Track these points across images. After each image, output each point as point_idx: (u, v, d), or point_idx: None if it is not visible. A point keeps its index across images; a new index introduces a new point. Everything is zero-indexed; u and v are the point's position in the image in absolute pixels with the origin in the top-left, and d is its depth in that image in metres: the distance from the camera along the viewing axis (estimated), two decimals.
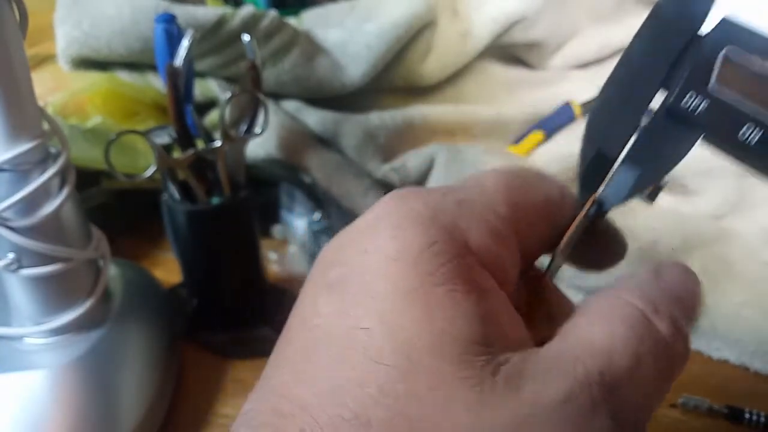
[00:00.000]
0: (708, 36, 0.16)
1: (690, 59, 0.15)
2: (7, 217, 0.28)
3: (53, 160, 0.29)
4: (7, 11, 0.26)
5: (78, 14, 0.40)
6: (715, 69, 0.15)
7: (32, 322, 0.31)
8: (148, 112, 0.40)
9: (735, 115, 0.15)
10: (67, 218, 0.30)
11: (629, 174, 0.15)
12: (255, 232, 0.34)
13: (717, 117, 0.15)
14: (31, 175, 0.28)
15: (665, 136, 0.15)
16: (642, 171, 0.15)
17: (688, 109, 0.15)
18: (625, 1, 0.55)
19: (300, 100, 0.43)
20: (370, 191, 0.40)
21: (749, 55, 0.15)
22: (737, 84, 0.15)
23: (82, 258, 0.31)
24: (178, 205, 0.32)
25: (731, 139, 0.15)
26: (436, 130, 0.45)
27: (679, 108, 0.15)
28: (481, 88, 0.52)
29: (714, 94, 0.15)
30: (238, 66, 0.40)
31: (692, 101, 0.15)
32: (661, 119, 0.15)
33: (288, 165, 0.40)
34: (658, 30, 0.16)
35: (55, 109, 0.38)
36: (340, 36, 0.45)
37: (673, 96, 0.15)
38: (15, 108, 0.27)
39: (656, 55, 0.16)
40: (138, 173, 0.30)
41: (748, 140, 0.15)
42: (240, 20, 0.39)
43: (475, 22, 0.51)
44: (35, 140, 0.28)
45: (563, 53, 0.55)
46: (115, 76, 0.41)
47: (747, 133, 0.15)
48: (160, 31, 0.31)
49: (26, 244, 0.29)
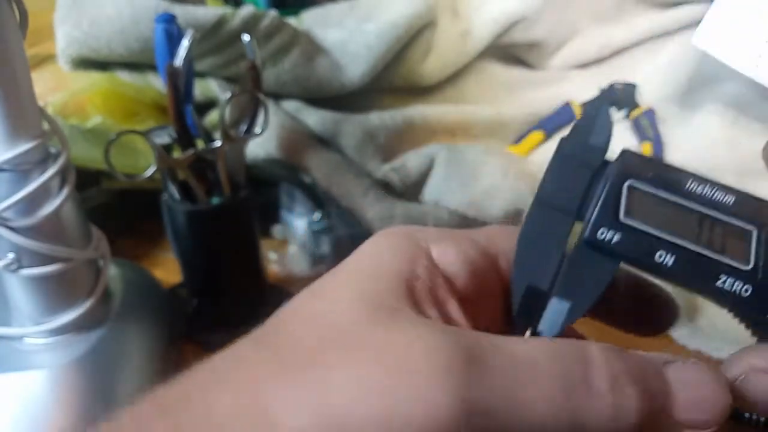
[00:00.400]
0: (612, 167, 0.17)
1: (599, 190, 0.17)
2: (7, 217, 0.28)
3: (53, 160, 0.29)
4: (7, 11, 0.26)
5: (78, 14, 0.40)
6: (622, 200, 0.16)
7: (32, 322, 0.31)
8: (148, 112, 0.40)
9: (648, 241, 0.16)
10: (67, 218, 0.30)
11: (560, 307, 0.16)
12: (255, 232, 0.34)
13: (631, 245, 0.16)
14: (31, 175, 0.28)
15: (588, 267, 0.16)
16: (572, 304, 0.16)
17: (604, 241, 0.16)
18: (625, 1, 0.55)
19: (300, 100, 0.43)
20: (369, 191, 0.40)
21: (650, 185, 0.16)
22: (644, 213, 0.16)
23: (82, 258, 0.31)
24: (178, 205, 0.32)
25: (649, 264, 0.16)
26: (436, 130, 0.45)
27: (596, 240, 0.16)
28: (481, 88, 0.52)
29: (625, 225, 0.16)
30: (238, 66, 0.40)
31: (606, 233, 0.16)
32: (582, 251, 0.16)
33: (288, 165, 0.40)
34: (565, 165, 0.17)
35: (55, 109, 0.38)
36: (339, 36, 0.45)
37: (588, 230, 0.16)
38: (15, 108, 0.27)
39: (566, 189, 0.17)
40: (138, 173, 0.30)
41: (664, 263, 0.16)
42: (240, 20, 0.39)
43: (476, 22, 0.51)
44: (35, 140, 0.28)
45: (563, 53, 0.55)
46: (115, 76, 0.41)
47: (662, 257, 0.16)
48: (160, 31, 0.31)
49: (26, 244, 0.29)
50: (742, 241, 0.16)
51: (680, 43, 0.52)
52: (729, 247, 0.16)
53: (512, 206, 0.38)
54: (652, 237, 0.16)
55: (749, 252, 0.16)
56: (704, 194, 0.16)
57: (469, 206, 0.39)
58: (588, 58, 0.55)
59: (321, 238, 0.40)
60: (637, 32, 0.54)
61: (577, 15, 0.55)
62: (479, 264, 0.17)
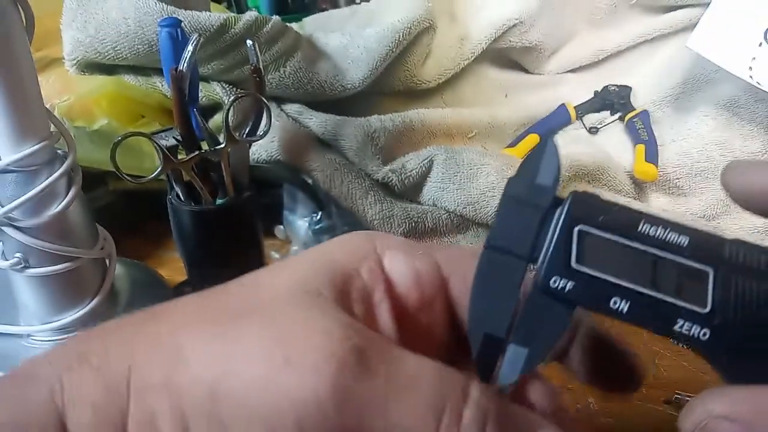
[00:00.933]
0: (561, 210, 0.16)
1: (550, 233, 0.16)
2: (15, 217, 0.29)
3: (60, 161, 0.30)
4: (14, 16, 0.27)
5: (84, 18, 0.40)
6: (573, 246, 0.16)
7: (39, 321, 0.31)
8: (153, 115, 0.41)
9: (601, 287, 0.15)
10: (74, 218, 0.31)
11: (518, 354, 0.16)
12: (258, 232, 0.35)
13: (585, 292, 0.15)
14: (38, 176, 0.29)
15: (543, 313, 0.16)
16: (529, 350, 0.16)
17: (557, 289, 0.16)
18: (620, 6, 0.55)
19: (302, 103, 0.44)
20: (370, 192, 0.40)
21: (601, 229, 0.16)
22: (596, 258, 0.16)
23: (89, 257, 0.31)
24: (183, 205, 0.32)
25: (604, 308, 0.15)
26: (435, 132, 0.46)
27: (549, 288, 0.16)
28: (478, 92, 0.53)
29: (577, 272, 0.16)
30: (242, 70, 0.41)
31: (559, 282, 0.16)
32: (537, 297, 0.16)
33: (290, 166, 0.40)
34: (514, 207, 0.16)
35: (62, 111, 0.38)
36: (340, 41, 0.45)
37: (540, 278, 0.16)
38: (22, 110, 0.28)
39: (516, 232, 0.16)
40: (143, 174, 0.31)
41: (619, 309, 0.15)
42: (243, 25, 0.40)
43: (473, 26, 0.52)
44: (42, 142, 0.28)
45: (559, 57, 0.55)
46: (121, 79, 0.41)
47: (617, 303, 0.15)
48: (164, 35, 0.32)
49: (33, 243, 0.29)
50: (699, 283, 0.15)
51: (674, 46, 0.53)
52: (685, 289, 0.15)
53: None
54: (605, 283, 0.15)
55: (706, 294, 0.15)
56: (657, 236, 0.15)
57: (466, 207, 0.40)
58: (583, 62, 0.55)
59: (322, 238, 0.40)
60: (632, 36, 0.54)
61: (573, 19, 0.55)
62: (427, 280, 0.18)
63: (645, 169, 0.44)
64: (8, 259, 0.30)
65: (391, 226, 0.39)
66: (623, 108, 0.51)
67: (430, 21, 0.48)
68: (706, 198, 0.44)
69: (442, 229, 0.41)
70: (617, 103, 0.51)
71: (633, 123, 0.49)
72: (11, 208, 0.28)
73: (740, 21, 0.42)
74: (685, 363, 0.32)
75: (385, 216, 0.40)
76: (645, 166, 0.44)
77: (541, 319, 0.16)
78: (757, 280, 0.15)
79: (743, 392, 0.14)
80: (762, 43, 0.42)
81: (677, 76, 0.50)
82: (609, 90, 0.52)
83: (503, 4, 0.52)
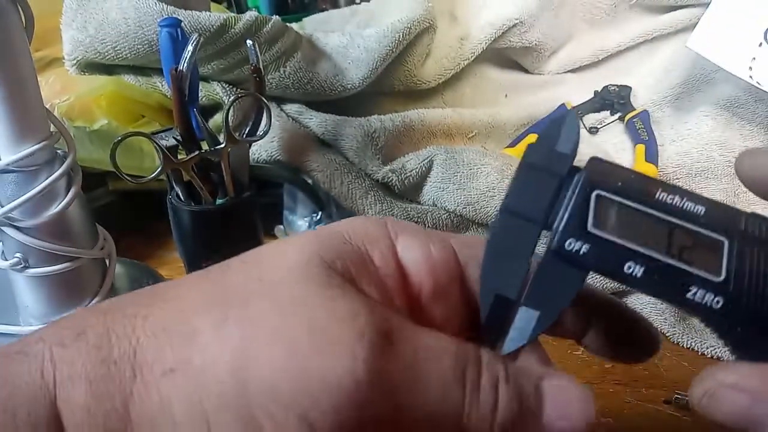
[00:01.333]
0: (580, 176, 0.16)
1: (566, 199, 0.16)
2: (15, 217, 0.29)
3: (60, 161, 0.30)
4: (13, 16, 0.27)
5: (84, 18, 0.40)
6: (590, 210, 0.16)
7: (39, 321, 0.31)
8: (153, 115, 0.41)
9: (616, 252, 0.15)
10: (74, 218, 0.31)
11: (529, 316, 0.16)
12: (258, 232, 0.35)
13: (599, 256, 0.16)
14: (38, 176, 0.29)
15: (556, 276, 0.16)
16: (540, 313, 0.16)
17: (572, 251, 0.16)
18: (620, 6, 0.56)
19: (302, 103, 0.44)
20: (369, 192, 0.40)
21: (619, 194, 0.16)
22: (613, 223, 0.16)
23: (89, 257, 0.31)
24: (184, 205, 0.33)
25: (618, 274, 0.15)
26: (435, 132, 0.46)
27: (563, 250, 0.16)
28: (478, 92, 0.53)
29: (593, 235, 0.16)
30: (242, 70, 0.41)
31: (574, 244, 0.16)
32: (550, 261, 0.16)
33: (290, 166, 0.40)
34: (531, 173, 0.16)
35: (62, 111, 0.38)
36: (340, 41, 0.45)
37: (555, 240, 0.16)
38: (22, 110, 0.28)
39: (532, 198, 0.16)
40: (144, 174, 0.30)
41: (633, 274, 0.15)
42: (243, 25, 0.40)
43: (473, 26, 0.52)
44: (42, 142, 0.28)
45: (559, 57, 0.55)
46: (121, 79, 0.41)
47: (631, 268, 0.15)
48: (164, 35, 0.32)
49: (33, 243, 0.29)
50: (713, 252, 0.15)
51: (674, 46, 0.53)
52: (700, 258, 0.15)
53: None
54: (620, 248, 0.15)
55: (720, 263, 0.15)
56: (674, 204, 0.16)
57: (466, 207, 0.40)
58: (583, 62, 0.56)
59: None
60: (632, 36, 0.54)
61: (573, 19, 0.55)
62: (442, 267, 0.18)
63: (645, 169, 0.44)
64: (8, 259, 0.30)
65: None
66: (623, 108, 0.51)
67: (430, 21, 0.48)
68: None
69: (441, 229, 0.41)
70: (617, 103, 0.51)
71: (633, 123, 0.49)
72: (11, 208, 0.28)
73: (740, 21, 0.42)
74: (685, 363, 0.32)
75: (385, 216, 0.40)
76: (645, 166, 0.44)
77: (554, 282, 0.16)
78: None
79: (753, 367, 0.15)
80: (762, 43, 0.42)
81: (677, 76, 0.50)
82: (609, 90, 0.52)
83: (503, 4, 0.52)
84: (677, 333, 0.34)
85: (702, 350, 0.33)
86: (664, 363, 0.32)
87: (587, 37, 0.56)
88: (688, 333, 0.34)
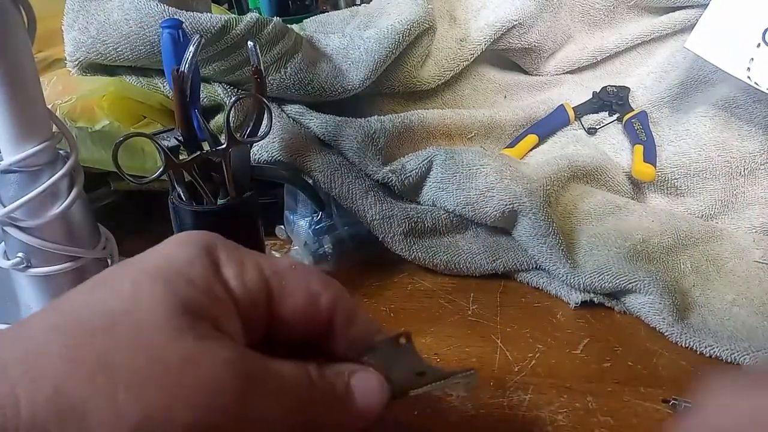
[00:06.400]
0: None
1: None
2: (17, 217, 0.29)
3: (62, 161, 0.30)
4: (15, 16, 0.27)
5: (86, 19, 0.40)
6: None
7: None
8: (155, 115, 0.41)
9: None
10: (76, 218, 0.31)
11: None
12: (259, 232, 0.35)
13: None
14: (40, 177, 0.29)
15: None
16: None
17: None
18: (618, 7, 0.56)
19: (302, 104, 0.44)
20: (369, 192, 0.40)
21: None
22: None
23: (91, 257, 0.31)
24: (185, 205, 0.33)
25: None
26: (434, 133, 0.46)
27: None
28: (477, 93, 0.53)
29: None
30: (243, 71, 0.41)
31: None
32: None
33: (291, 167, 0.41)
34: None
35: (64, 112, 0.38)
36: (341, 42, 0.46)
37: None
38: (24, 111, 0.28)
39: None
40: (145, 175, 0.31)
41: None
42: (244, 26, 0.40)
43: (472, 28, 0.52)
44: (44, 142, 0.29)
45: (557, 58, 0.56)
46: (123, 79, 0.41)
47: None
48: (166, 36, 0.32)
49: (36, 243, 0.29)
50: None
51: (673, 47, 0.53)
52: None
53: (507, 207, 0.39)
54: None
55: None
56: None
57: (465, 207, 0.40)
58: (582, 63, 0.56)
59: (322, 237, 0.40)
60: (630, 37, 0.55)
61: (571, 21, 0.56)
62: (256, 289, 0.20)
63: (643, 170, 0.44)
64: (10, 259, 0.30)
65: (391, 226, 0.40)
66: (621, 109, 0.51)
67: (430, 23, 0.49)
68: (704, 198, 0.44)
69: (441, 229, 0.41)
70: (615, 103, 0.51)
71: (631, 123, 0.49)
72: (13, 208, 0.28)
73: (738, 22, 0.43)
74: (683, 362, 0.33)
75: (384, 216, 0.40)
76: (643, 167, 0.45)
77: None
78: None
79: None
80: (760, 43, 0.42)
81: (675, 77, 0.50)
82: (607, 91, 0.52)
83: (502, 5, 0.52)
84: (675, 332, 0.34)
85: (700, 349, 0.33)
86: (663, 362, 0.32)
87: (586, 38, 0.56)
88: (687, 332, 0.34)
